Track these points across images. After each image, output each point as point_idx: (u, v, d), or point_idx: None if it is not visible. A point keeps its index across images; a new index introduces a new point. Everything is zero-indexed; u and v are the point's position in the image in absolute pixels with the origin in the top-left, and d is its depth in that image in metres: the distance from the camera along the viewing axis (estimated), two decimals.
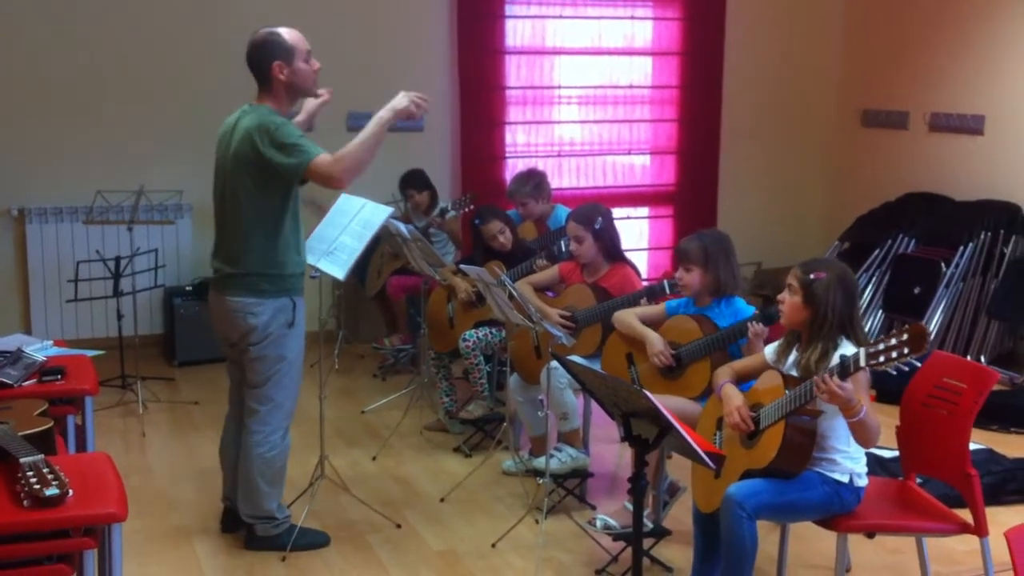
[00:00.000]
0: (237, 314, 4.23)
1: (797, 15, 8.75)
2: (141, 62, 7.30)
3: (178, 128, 7.28)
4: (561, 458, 4.92)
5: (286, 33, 4.24)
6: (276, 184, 4.14)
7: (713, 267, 4.41)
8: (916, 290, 7.31)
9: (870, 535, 3.83)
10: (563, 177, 8.21)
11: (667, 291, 4.66)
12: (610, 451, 5.70)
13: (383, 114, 4.20)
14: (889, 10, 8.37)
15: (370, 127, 4.16)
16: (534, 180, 6.39)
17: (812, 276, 3.63)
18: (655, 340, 4.49)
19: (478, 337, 5.59)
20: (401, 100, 4.24)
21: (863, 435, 3.49)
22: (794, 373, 3.66)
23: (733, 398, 3.73)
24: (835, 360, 3.48)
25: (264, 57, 4.20)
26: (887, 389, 5.88)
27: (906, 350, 3.24)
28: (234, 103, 4.41)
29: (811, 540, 4.40)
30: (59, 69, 7.16)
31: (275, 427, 4.37)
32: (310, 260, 4.48)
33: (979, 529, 3.59)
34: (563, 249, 5.32)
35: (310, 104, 4.67)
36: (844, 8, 8.79)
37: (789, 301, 3.69)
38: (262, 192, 4.15)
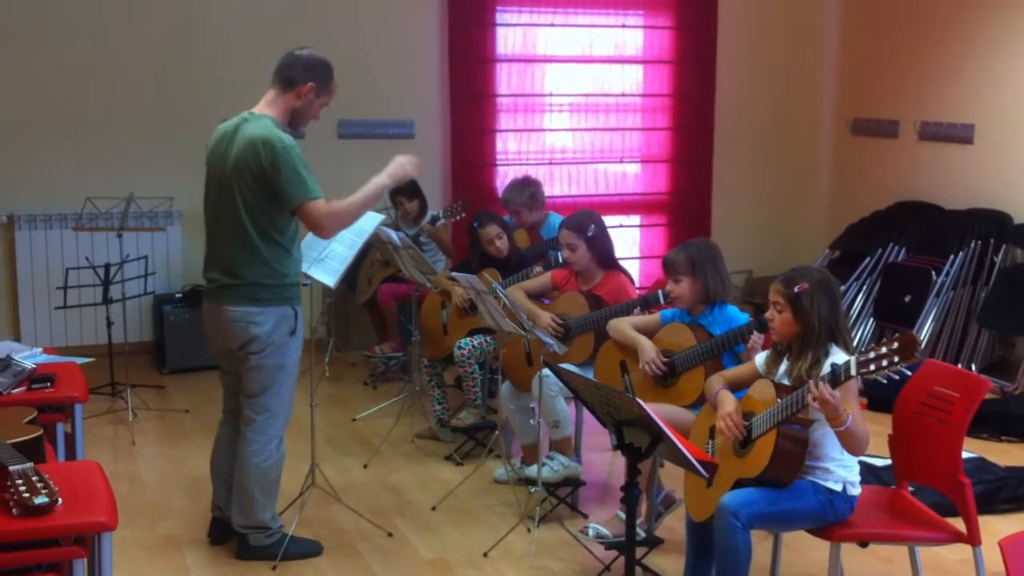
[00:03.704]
0: (238, 324, 4.19)
1: (789, 24, 8.77)
2: (131, 69, 7.28)
3: (168, 135, 7.27)
4: (553, 466, 4.91)
5: (335, 78, 4.31)
6: (277, 197, 4.12)
7: (701, 275, 4.40)
8: (907, 299, 7.32)
9: (863, 544, 3.82)
10: (554, 185, 8.21)
11: (661, 301, 4.65)
12: (602, 459, 5.69)
13: (383, 180, 4.30)
14: (881, 19, 8.39)
15: (368, 192, 4.26)
16: (529, 189, 6.38)
17: (796, 289, 3.63)
18: (647, 347, 4.49)
19: (473, 345, 5.57)
20: (398, 168, 4.34)
21: (850, 444, 3.49)
22: (786, 382, 3.66)
23: (726, 404, 3.72)
24: (826, 368, 3.48)
25: (309, 71, 4.20)
26: (879, 397, 5.90)
27: (896, 359, 3.24)
28: (225, 109, 4.40)
29: (803, 549, 4.40)
30: (49, 76, 7.13)
31: (271, 436, 4.35)
32: (301, 267, 4.46)
33: (972, 538, 3.58)
34: (558, 259, 5.31)
35: None
36: (836, 17, 8.81)
37: (779, 318, 3.69)
38: (264, 202, 4.12)
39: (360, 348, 7.47)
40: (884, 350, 3.26)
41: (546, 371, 4.65)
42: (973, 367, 6.92)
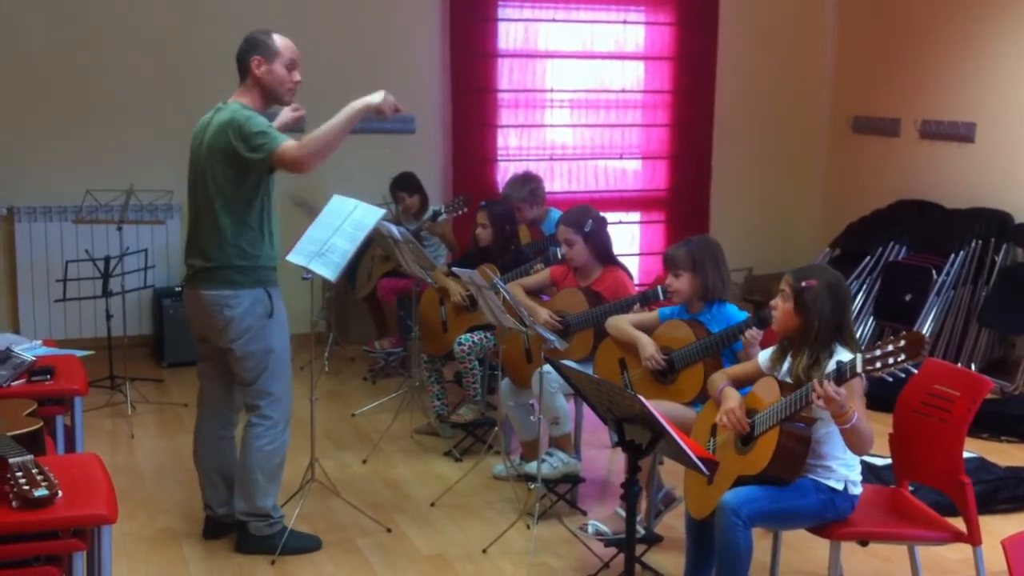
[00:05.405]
0: (213, 307, 4.24)
1: (790, 22, 8.76)
2: (132, 62, 7.27)
3: (169, 128, 7.23)
4: (552, 463, 4.90)
5: (277, 37, 4.31)
6: (247, 176, 4.16)
7: (701, 271, 4.40)
8: (907, 297, 7.32)
9: (863, 543, 3.82)
10: (554, 181, 8.20)
11: (660, 297, 4.64)
12: (601, 456, 5.69)
13: (356, 104, 4.20)
14: (881, 17, 8.39)
15: (340, 115, 4.16)
16: (530, 185, 6.38)
17: (803, 284, 3.63)
18: (647, 344, 4.48)
19: (473, 341, 5.57)
20: (376, 96, 4.23)
21: (855, 442, 3.48)
22: (788, 380, 3.65)
23: (730, 399, 3.72)
24: (831, 366, 3.47)
25: (247, 51, 4.28)
26: (880, 396, 5.88)
27: (902, 357, 3.23)
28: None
29: (803, 548, 4.39)
30: (49, 68, 7.12)
31: (276, 419, 4.38)
32: (301, 261, 4.46)
33: (972, 537, 3.58)
34: (558, 256, 5.30)
35: (284, 115, 4.64)
36: (836, 15, 8.80)
37: (781, 307, 3.69)
38: (234, 185, 4.17)
39: (359, 343, 7.47)
40: (890, 348, 3.25)
41: (546, 367, 4.64)
42: (973, 366, 6.91)
